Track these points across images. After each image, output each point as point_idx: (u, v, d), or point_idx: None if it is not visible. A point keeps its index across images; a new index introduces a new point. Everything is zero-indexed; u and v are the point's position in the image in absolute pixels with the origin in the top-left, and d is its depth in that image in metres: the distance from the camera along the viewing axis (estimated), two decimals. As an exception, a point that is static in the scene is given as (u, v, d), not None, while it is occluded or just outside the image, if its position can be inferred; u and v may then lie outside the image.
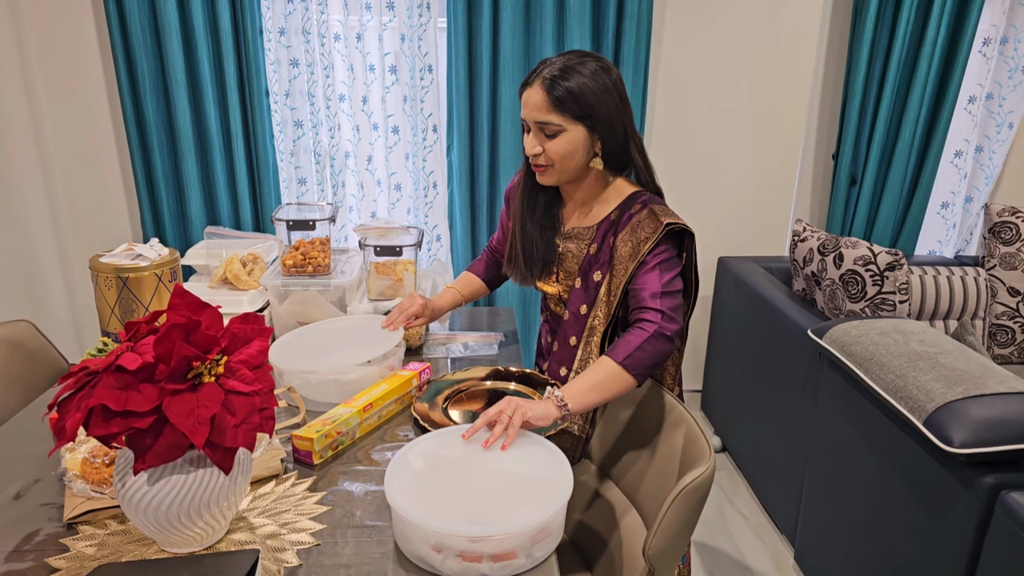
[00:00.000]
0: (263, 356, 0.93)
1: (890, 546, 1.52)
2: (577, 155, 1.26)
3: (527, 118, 1.25)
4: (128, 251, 1.60)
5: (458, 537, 0.89)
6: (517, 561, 0.94)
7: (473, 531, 0.90)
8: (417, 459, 1.05)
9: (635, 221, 1.28)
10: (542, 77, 1.22)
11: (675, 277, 1.26)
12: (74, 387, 0.83)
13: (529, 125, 1.26)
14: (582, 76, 1.20)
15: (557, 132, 1.23)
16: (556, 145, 1.24)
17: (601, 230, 1.33)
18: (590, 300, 1.34)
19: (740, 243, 2.79)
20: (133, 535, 0.99)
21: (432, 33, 2.40)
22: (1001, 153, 2.73)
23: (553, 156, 1.25)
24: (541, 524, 0.92)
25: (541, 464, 1.05)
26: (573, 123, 1.23)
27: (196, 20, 2.25)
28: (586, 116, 1.22)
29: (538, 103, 1.22)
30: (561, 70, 1.21)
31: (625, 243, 1.28)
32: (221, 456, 0.85)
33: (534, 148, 1.26)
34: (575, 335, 1.37)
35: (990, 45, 2.60)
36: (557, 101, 1.20)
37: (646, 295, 1.24)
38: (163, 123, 2.37)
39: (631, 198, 1.33)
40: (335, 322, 1.61)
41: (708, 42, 2.54)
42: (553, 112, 1.21)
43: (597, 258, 1.33)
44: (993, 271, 2.45)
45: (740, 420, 2.45)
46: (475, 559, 0.91)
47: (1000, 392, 1.36)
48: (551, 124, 1.22)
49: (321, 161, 2.51)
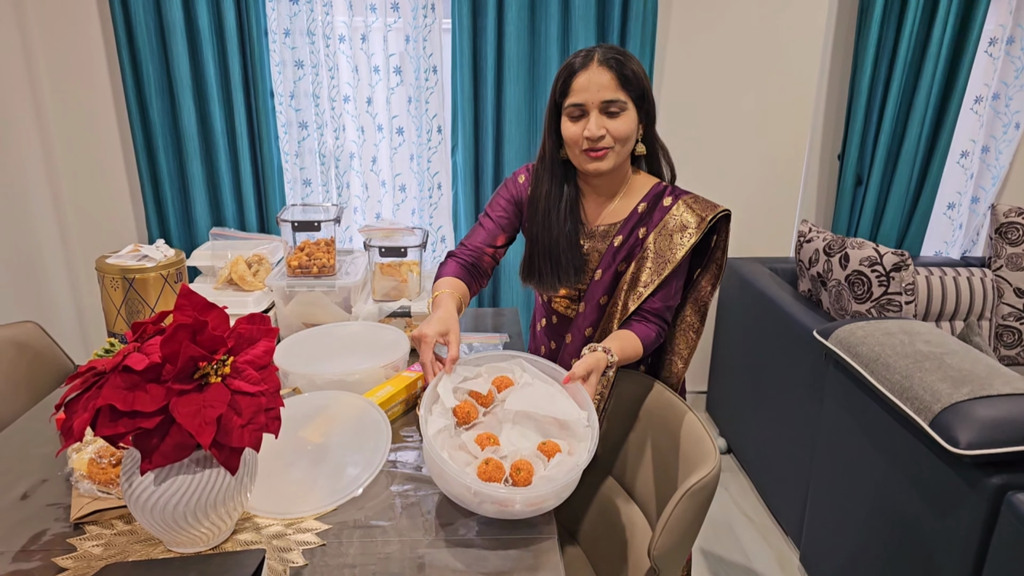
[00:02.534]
0: (269, 356, 0.93)
1: (895, 547, 1.52)
2: (633, 136, 1.27)
3: (588, 100, 1.23)
4: (134, 252, 1.61)
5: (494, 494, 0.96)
6: (548, 503, 1.01)
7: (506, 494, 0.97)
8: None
9: (670, 216, 1.30)
10: (598, 59, 1.22)
11: (681, 281, 1.33)
12: (81, 387, 0.84)
13: (588, 109, 1.23)
14: (631, 59, 1.24)
15: (621, 111, 1.23)
16: (620, 124, 1.24)
17: (629, 223, 1.33)
18: (610, 290, 1.34)
19: (745, 244, 2.78)
20: (139, 535, 0.99)
21: (436, 34, 2.40)
22: (1008, 153, 2.72)
23: (618, 135, 1.24)
24: (570, 479, 0.99)
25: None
26: (632, 103, 1.24)
27: (201, 21, 2.25)
28: (641, 97, 1.25)
29: (605, 82, 1.22)
30: (614, 52, 1.23)
31: (663, 236, 1.29)
32: (227, 456, 0.86)
33: (599, 130, 1.23)
34: (591, 325, 1.37)
35: (996, 45, 2.59)
36: (624, 79, 1.22)
37: (659, 306, 1.30)
38: (168, 124, 2.38)
39: (655, 189, 1.34)
40: (342, 327, 1.61)
41: (713, 43, 2.54)
42: (620, 90, 1.22)
43: (622, 250, 1.33)
44: (999, 272, 2.44)
45: (745, 421, 2.44)
46: (508, 504, 0.98)
47: (1006, 393, 1.35)
48: (618, 102, 1.22)
49: (326, 162, 2.52)
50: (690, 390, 3.01)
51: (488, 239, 1.41)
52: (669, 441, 1.23)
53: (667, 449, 1.22)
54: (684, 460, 1.15)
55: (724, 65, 2.56)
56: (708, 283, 1.35)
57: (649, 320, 1.31)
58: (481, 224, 1.42)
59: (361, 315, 1.70)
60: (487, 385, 1.16)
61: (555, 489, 0.98)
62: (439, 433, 1.06)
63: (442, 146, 2.54)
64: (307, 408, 1.27)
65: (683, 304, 1.38)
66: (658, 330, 1.31)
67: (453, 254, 1.41)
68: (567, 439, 1.09)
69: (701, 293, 1.36)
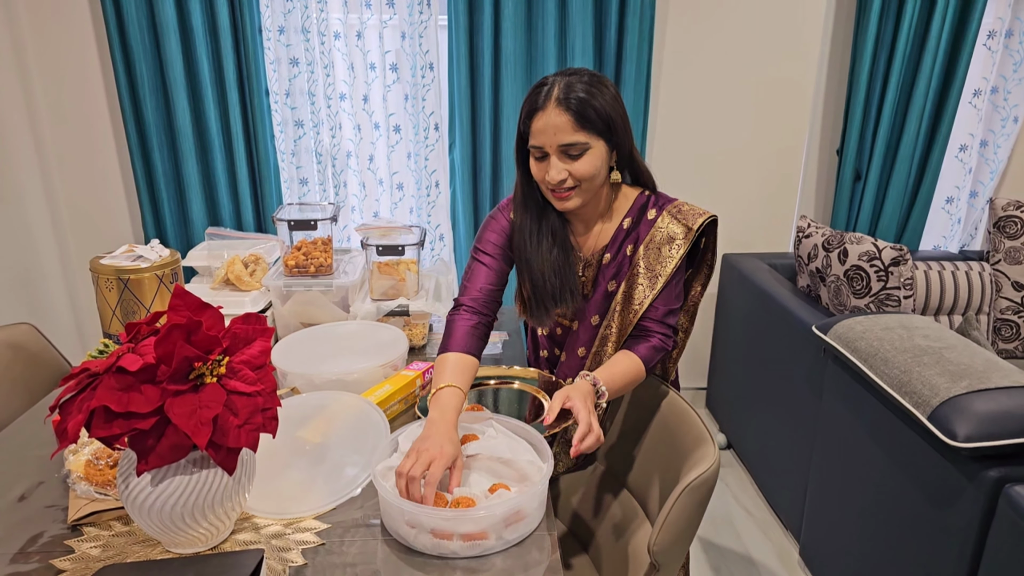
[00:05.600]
0: (265, 356, 0.93)
1: (895, 540, 1.52)
2: (602, 171, 1.21)
3: (546, 144, 1.16)
4: (128, 252, 1.60)
5: (429, 515, 0.95)
6: (488, 542, 0.96)
7: (442, 511, 0.95)
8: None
9: (656, 230, 1.26)
10: (556, 99, 1.14)
11: (680, 284, 1.29)
12: (75, 389, 0.83)
13: (548, 151, 1.17)
14: (593, 89, 1.15)
15: (583, 152, 1.16)
16: (583, 166, 1.16)
17: (617, 240, 1.29)
18: (603, 310, 1.31)
19: (744, 240, 2.78)
20: (137, 536, 0.99)
21: (433, 31, 2.39)
22: (1006, 147, 2.71)
23: (581, 177, 1.17)
24: (512, 507, 0.97)
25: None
26: (596, 139, 1.17)
27: (195, 19, 2.24)
28: (607, 130, 1.17)
29: (561, 125, 1.14)
30: (572, 86, 1.15)
31: (651, 251, 1.25)
32: (224, 457, 0.85)
33: (560, 174, 1.17)
34: (584, 346, 1.34)
35: (995, 38, 2.59)
36: (582, 119, 1.14)
37: (661, 312, 1.26)
38: (163, 124, 2.37)
39: (641, 201, 1.30)
40: (340, 326, 1.61)
41: (711, 38, 2.53)
42: (580, 131, 1.15)
43: (610, 267, 1.30)
44: (998, 266, 2.44)
45: (745, 417, 2.44)
46: (446, 536, 0.95)
47: (1004, 386, 1.35)
48: (578, 144, 1.15)
49: (322, 161, 2.51)
50: (690, 386, 3.01)
51: (492, 278, 1.31)
52: (668, 437, 1.23)
53: (666, 445, 1.22)
54: (683, 456, 1.15)
55: (722, 61, 2.55)
56: (699, 284, 1.35)
57: (651, 332, 1.26)
58: (481, 262, 1.32)
59: (359, 314, 1.69)
60: None
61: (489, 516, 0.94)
62: (390, 471, 1.05)
63: (439, 144, 2.53)
64: (305, 408, 1.27)
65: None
66: (661, 339, 1.26)
67: (461, 306, 1.29)
68: (520, 485, 1.05)
69: (691, 295, 1.35)
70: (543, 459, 1.08)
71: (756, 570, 2.01)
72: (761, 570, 2.01)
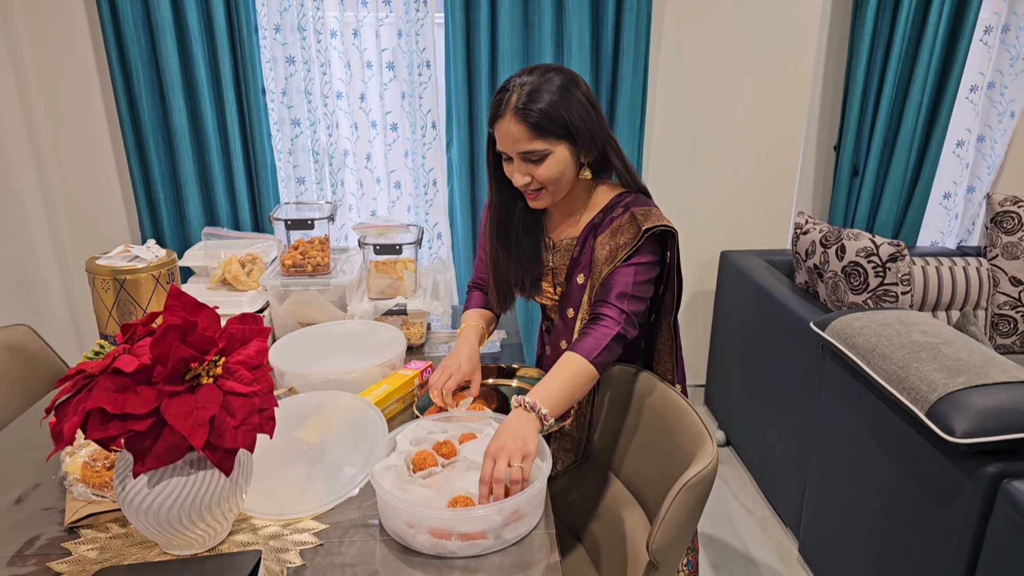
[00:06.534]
0: (262, 356, 0.92)
1: (893, 536, 1.52)
2: (567, 172, 1.22)
3: (507, 150, 1.20)
4: (124, 253, 1.59)
5: (427, 514, 0.95)
6: (486, 541, 0.96)
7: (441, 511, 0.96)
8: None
9: (616, 225, 1.26)
10: (513, 107, 1.15)
11: (648, 283, 1.25)
12: (71, 390, 0.83)
13: (512, 156, 1.20)
14: (552, 94, 1.15)
15: (543, 156, 1.18)
16: (545, 170, 1.19)
17: (583, 234, 1.31)
18: (575, 304, 1.32)
19: (742, 236, 2.78)
20: (135, 538, 0.99)
21: (429, 28, 2.38)
22: (1003, 142, 2.71)
23: (544, 181, 1.20)
24: (511, 507, 0.96)
25: None
26: (557, 143, 1.18)
27: (190, 18, 2.23)
28: (567, 133, 1.18)
29: (517, 134, 1.16)
30: (530, 94, 1.15)
31: (603, 246, 1.25)
32: (221, 458, 0.85)
33: (523, 179, 1.21)
34: (565, 339, 1.35)
35: (991, 34, 2.58)
36: (536, 127, 1.15)
37: (614, 292, 1.21)
38: (159, 123, 2.36)
39: (615, 200, 1.30)
40: (338, 326, 1.60)
41: (709, 33, 2.52)
42: (535, 139, 1.16)
43: (579, 261, 1.31)
44: (995, 261, 2.44)
45: (743, 414, 2.44)
46: (444, 536, 0.95)
47: (1002, 382, 1.35)
48: (536, 151, 1.17)
49: (319, 159, 2.50)
50: (688, 383, 3.01)
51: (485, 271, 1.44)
52: (666, 434, 1.22)
53: (664, 442, 1.22)
54: (682, 453, 1.15)
55: (719, 56, 2.55)
56: (671, 297, 1.33)
57: (602, 316, 1.21)
58: (481, 251, 1.45)
59: (356, 313, 1.69)
60: (452, 437, 1.15)
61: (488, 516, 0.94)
62: (388, 470, 1.05)
63: (437, 142, 2.52)
64: (303, 408, 1.27)
65: (658, 320, 1.36)
66: (611, 322, 1.19)
67: (475, 285, 1.49)
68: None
69: (667, 307, 1.34)
70: (542, 458, 1.08)
71: (755, 567, 2.01)
72: (760, 567, 2.01)
